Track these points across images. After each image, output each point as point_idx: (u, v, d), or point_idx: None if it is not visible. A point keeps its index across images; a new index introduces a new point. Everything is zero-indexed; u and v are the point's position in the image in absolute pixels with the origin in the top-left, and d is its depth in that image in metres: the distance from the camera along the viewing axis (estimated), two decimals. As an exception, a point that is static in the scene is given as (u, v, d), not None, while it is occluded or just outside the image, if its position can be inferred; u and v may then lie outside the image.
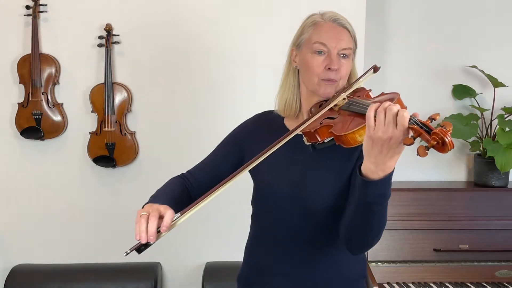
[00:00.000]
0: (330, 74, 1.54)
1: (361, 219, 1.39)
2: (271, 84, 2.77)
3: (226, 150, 1.76)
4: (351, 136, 1.37)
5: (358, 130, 1.35)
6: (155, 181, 2.83)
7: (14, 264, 2.82)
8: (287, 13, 2.74)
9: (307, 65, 1.58)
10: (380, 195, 1.34)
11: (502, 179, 2.87)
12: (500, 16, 3.06)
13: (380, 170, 1.29)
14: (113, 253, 2.87)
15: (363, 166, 1.33)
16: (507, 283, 2.63)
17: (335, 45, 1.55)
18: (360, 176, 1.33)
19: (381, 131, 1.24)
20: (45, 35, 2.74)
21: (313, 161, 1.57)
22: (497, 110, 2.97)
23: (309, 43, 1.58)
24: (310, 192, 1.56)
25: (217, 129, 2.81)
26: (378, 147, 1.26)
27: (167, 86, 2.81)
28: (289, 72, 1.68)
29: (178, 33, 2.77)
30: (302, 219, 1.58)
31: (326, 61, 1.55)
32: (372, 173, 1.30)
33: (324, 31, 1.57)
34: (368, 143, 1.28)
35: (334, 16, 1.60)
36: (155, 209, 1.42)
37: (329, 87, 1.56)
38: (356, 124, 1.37)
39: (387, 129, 1.23)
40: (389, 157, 1.26)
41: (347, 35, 1.58)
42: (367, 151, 1.29)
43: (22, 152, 2.82)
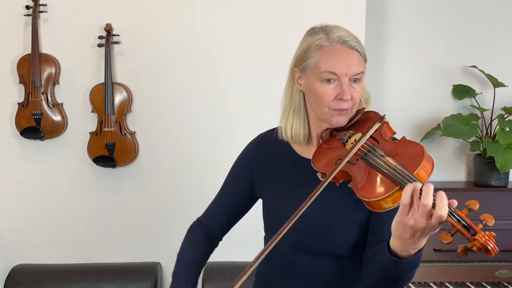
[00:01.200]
0: (342, 104, 1.41)
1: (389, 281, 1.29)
2: (271, 84, 2.78)
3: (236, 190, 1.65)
4: (376, 202, 1.26)
5: (384, 198, 1.25)
6: (155, 181, 2.86)
7: (14, 264, 2.82)
8: (289, 13, 2.74)
9: (315, 94, 1.43)
10: (412, 267, 1.24)
11: (502, 179, 2.87)
12: (500, 16, 3.06)
13: (412, 249, 1.20)
14: (113, 253, 2.88)
15: (392, 244, 1.22)
16: (507, 283, 2.63)
17: (346, 71, 1.39)
18: (389, 255, 1.22)
19: (413, 220, 1.14)
20: (45, 35, 2.74)
21: (328, 198, 1.39)
22: (497, 110, 2.97)
23: (317, 71, 1.42)
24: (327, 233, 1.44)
25: (218, 129, 2.82)
26: (411, 232, 1.16)
27: (167, 86, 2.80)
28: (293, 94, 1.53)
29: (178, 33, 2.77)
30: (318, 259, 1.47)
31: (337, 90, 1.40)
32: (403, 252, 1.21)
33: (333, 58, 1.40)
34: (399, 226, 1.17)
35: (342, 37, 1.42)
36: None
37: (342, 117, 1.43)
38: (381, 190, 1.26)
39: (422, 220, 1.13)
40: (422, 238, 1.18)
41: (357, 58, 1.42)
42: (398, 233, 1.19)
43: (22, 152, 2.82)
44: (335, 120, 1.43)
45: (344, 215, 1.44)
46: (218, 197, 1.69)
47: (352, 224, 1.44)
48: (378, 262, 1.31)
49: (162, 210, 2.87)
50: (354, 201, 1.38)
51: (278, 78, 2.81)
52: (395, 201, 1.24)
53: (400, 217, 1.16)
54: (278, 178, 1.54)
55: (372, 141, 1.39)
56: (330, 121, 1.44)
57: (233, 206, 1.66)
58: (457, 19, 3.05)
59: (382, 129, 1.42)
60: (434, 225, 1.13)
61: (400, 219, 1.16)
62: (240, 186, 1.64)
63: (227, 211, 1.66)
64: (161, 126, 2.83)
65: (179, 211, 2.83)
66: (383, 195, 1.24)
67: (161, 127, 2.83)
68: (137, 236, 2.88)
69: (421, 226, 1.14)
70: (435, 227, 1.14)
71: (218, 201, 1.69)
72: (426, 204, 1.12)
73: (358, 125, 1.46)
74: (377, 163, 1.31)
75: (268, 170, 1.56)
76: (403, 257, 1.21)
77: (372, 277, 1.35)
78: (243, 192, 1.64)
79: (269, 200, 1.56)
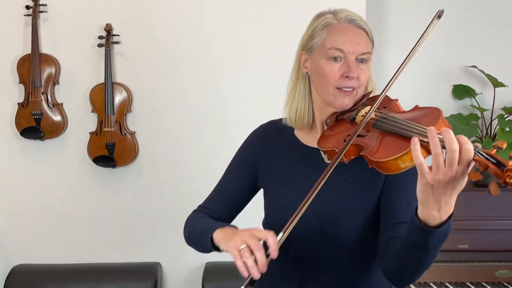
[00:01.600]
0: (348, 82, 1.37)
1: (416, 261, 1.21)
2: (272, 84, 2.78)
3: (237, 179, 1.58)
4: (392, 163, 1.19)
5: (401, 156, 1.18)
6: (155, 181, 2.86)
7: (14, 264, 2.82)
8: (289, 12, 2.74)
9: (321, 73, 1.40)
10: (443, 237, 1.15)
11: (502, 179, 2.87)
12: (500, 16, 3.06)
13: (443, 213, 1.11)
14: (113, 253, 2.87)
15: (421, 213, 1.13)
16: (507, 283, 2.63)
17: (353, 49, 1.37)
18: (420, 225, 1.13)
19: (441, 174, 1.06)
20: (45, 35, 2.74)
21: (334, 182, 1.34)
22: (497, 110, 2.97)
23: (323, 49, 1.39)
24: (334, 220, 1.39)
25: (218, 129, 2.82)
26: (440, 190, 1.08)
27: (167, 86, 2.80)
28: (298, 78, 1.50)
29: (178, 33, 2.77)
30: (325, 249, 1.41)
31: (343, 68, 1.37)
32: (435, 219, 1.12)
33: (340, 35, 1.38)
34: (426, 189, 1.09)
35: (350, 16, 1.41)
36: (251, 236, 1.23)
37: (347, 98, 1.39)
38: (397, 148, 1.19)
39: (449, 169, 1.05)
40: (453, 195, 1.10)
41: (365, 38, 1.41)
42: (426, 198, 1.10)
43: (22, 152, 2.82)
44: (340, 102, 1.39)
45: (352, 200, 1.38)
46: (217, 192, 1.62)
47: (360, 210, 1.38)
48: (401, 241, 1.22)
49: (162, 210, 2.87)
50: (361, 187, 1.37)
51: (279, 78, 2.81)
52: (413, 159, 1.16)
53: (424, 178, 1.08)
54: (281, 168, 1.49)
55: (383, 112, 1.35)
56: (334, 102, 1.39)
57: (233, 202, 1.59)
58: (457, 19, 3.05)
59: (392, 105, 1.38)
60: (463, 170, 1.05)
61: (425, 181, 1.08)
62: (242, 179, 1.58)
63: (226, 207, 1.59)
64: (161, 126, 2.83)
65: (179, 211, 2.81)
66: (400, 152, 1.17)
67: (161, 127, 2.83)
68: (137, 236, 2.88)
69: (449, 177, 1.05)
70: (464, 172, 1.06)
71: (217, 195, 1.62)
72: (454, 149, 1.04)
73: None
74: (391, 125, 1.25)
75: (271, 160, 1.51)
76: (432, 226, 1.13)
77: (394, 259, 1.26)
78: (245, 185, 1.58)
79: (272, 190, 1.51)
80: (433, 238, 1.14)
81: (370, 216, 1.38)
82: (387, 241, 1.32)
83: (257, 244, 1.21)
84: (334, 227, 1.39)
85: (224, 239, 1.30)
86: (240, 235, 1.25)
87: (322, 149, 1.38)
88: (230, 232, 1.31)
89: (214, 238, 1.35)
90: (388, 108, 1.37)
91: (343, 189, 1.39)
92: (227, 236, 1.30)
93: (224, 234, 1.33)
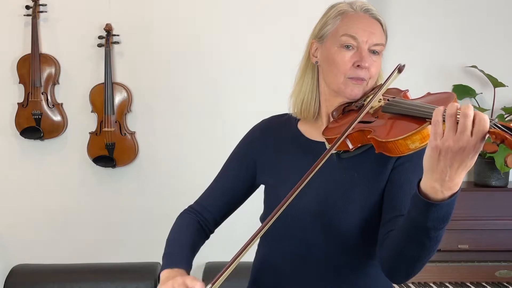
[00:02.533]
0: (359, 72, 1.34)
1: (414, 246, 1.15)
2: (272, 84, 2.78)
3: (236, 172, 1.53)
4: (401, 143, 1.15)
5: (411, 136, 1.13)
6: (155, 181, 2.86)
7: (14, 264, 2.82)
8: (289, 13, 2.74)
9: (332, 60, 1.35)
10: (443, 219, 1.10)
11: (502, 179, 2.87)
12: (501, 16, 3.06)
13: (446, 188, 1.06)
14: (113, 253, 2.88)
15: (424, 184, 1.08)
16: (507, 283, 2.63)
17: (367, 39, 1.33)
18: (420, 197, 1.08)
19: (452, 140, 1.01)
20: (45, 35, 2.74)
21: (338, 173, 1.34)
22: (497, 110, 2.97)
23: (336, 36, 1.35)
24: (336, 211, 1.34)
25: (218, 129, 2.82)
26: (447, 160, 1.02)
27: (167, 86, 2.80)
28: (307, 68, 1.45)
29: (178, 33, 2.77)
30: (325, 242, 1.36)
31: (356, 57, 1.33)
32: (436, 193, 1.07)
33: (354, 22, 1.34)
34: (433, 155, 1.04)
35: (366, 5, 1.37)
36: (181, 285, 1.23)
37: (357, 88, 1.35)
38: (407, 128, 1.15)
39: (461, 137, 1.00)
40: (459, 171, 1.04)
41: (379, 29, 1.37)
42: (431, 165, 1.05)
43: (22, 152, 2.82)
44: (350, 90, 1.35)
45: (355, 192, 1.33)
46: (214, 186, 1.57)
47: (361, 208, 1.33)
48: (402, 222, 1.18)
49: (162, 210, 2.87)
50: (366, 181, 1.33)
51: (279, 79, 2.82)
52: (423, 139, 1.13)
53: (434, 142, 1.03)
54: (283, 162, 1.44)
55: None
56: (344, 91, 1.35)
57: (229, 197, 1.54)
58: (457, 19, 3.05)
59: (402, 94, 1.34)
60: (475, 142, 0.99)
61: (434, 145, 1.03)
62: (239, 176, 1.52)
63: (223, 201, 1.54)
64: (161, 126, 2.83)
65: (179, 211, 2.82)
66: (411, 131, 1.13)
67: (161, 127, 2.83)
68: (137, 236, 2.88)
69: (460, 146, 1.00)
70: (477, 147, 1.00)
71: (214, 189, 1.56)
72: (468, 113, 0.99)
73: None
74: (401, 107, 1.21)
75: (272, 154, 1.47)
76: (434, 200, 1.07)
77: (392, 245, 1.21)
78: (243, 182, 1.52)
79: (273, 184, 1.45)
80: (432, 214, 1.08)
81: (373, 210, 1.33)
82: (387, 233, 1.28)
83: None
84: (336, 219, 1.34)
85: (162, 282, 1.30)
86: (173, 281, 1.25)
87: (326, 137, 1.34)
88: (170, 276, 1.30)
89: (161, 274, 1.37)
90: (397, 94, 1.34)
91: (348, 182, 1.34)
92: (166, 280, 1.30)
93: (166, 277, 1.33)
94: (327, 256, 1.37)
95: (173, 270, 1.35)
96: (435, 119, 1.03)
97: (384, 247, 1.26)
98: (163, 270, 1.38)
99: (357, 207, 1.33)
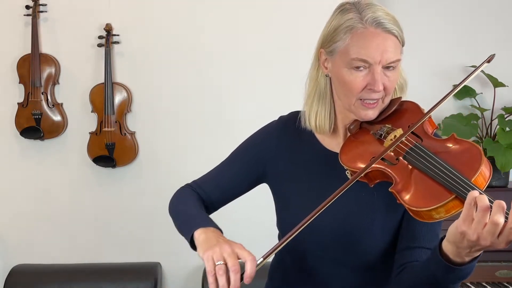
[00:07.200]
0: (372, 94, 1.24)
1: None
2: (273, 84, 2.78)
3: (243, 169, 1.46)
4: (426, 213, 1.08)
5: (436, 208, 1.06)
6: (155, 181, 2.86)
7: (14, 264, 2.82)
8: (289, 13, 2.74)
9: (343, 81, 1.25)
10: (463, 277, 1.10)
11: (502, 179, 2.87)
12: (501, 15, 3.06)
13: (467, 256, 1.05)
14: (113, 253, 2.87)
15: (445, 247, 1.07)
16: (507, 283, 2.63)
17: (380, 58, 1.21)
18: (441, 259, 1.07)
19: (478, 234, 0.99)
20: (45, 35, 2.74)
21: (357, 192, 1.26)
22: (497, 110, 2.97)
23: (346, 56, 1.24)
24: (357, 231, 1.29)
25: (218, 129, 2.82)
26: (471, 242, 1.01)
27: (167, 86, 2.80)
28: (318, 78, 1.34)
29: (178, 33, 2.77)
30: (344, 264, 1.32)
31: (368, 79, 1.22)
32: (456, 257, 1.06)
33: (365, 43, 1.22)
34: (457, 236, 1.02)
35: (377, 18, 1.23)
36: (231, 254, 1.14)
37: (371, 111, 1.26)
38: (432, 197, 1.07)
39: (487, 236, 0.98)
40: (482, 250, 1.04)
41: (394, 43, 1.24)
42: (454, 240, 1.03)
43: (22, 152, 2.82)
44: (363, 114, 1.26)
45: (373, 219, 1.28)
46: (217, 173, 1.49)
47: (381, 230, 1.29)
48: (420, 268, 1.16)
49: (162, 210, 2.85)
50: (385, 204, 1.27)
51: (279, 78, 2.82)
52: (448, 211, 1.07)
53: (461, 228, 1.00)
54: (298, 172, 1.38)
55: (414, 138, 1.20)
56: (358, 114, 1.27)
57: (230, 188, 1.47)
58: (457, 19, 3.05)
59: (425, 123, 1.23)
60: (500, 243, 0.99)
61: (460, 231, 1.00)
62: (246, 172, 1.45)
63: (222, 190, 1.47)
64: (161, 126, 2.83)
65: (179, 211, 2.83)
66: (435, 205, 1.06)
67: (161, 127, 2.83)
68: (137, 236, 2.88)
69: (484, 244, 0.99)
70: (501, 246, 1.00)
71: (216, 177, 1.48)
72: (497, 222, 0.96)
73: (393, 117, 1.28)
74: (424, 165, 1.12)
75: (287, 161, 1.40)
76: (456, 263, 1.07)
77: (408, 284, 1.20)
78: (247, 180, 1.46)
79: (286, 195, 1.39)
80: (452, 275, 1.08)
81: (390, 238, 1.29)
82: (403, 264, 1.25)
83: (235, 265, 1.12)
84: (357, 244, 1.29)
85: (203, 244, 1.20)
86: (221, 248, 1.15)
87: (345, 166, 1.25)
88: (212, 238, 1.20)
89: (195, 236, 1.24)
90: (419, 128, 1.22)
91: (368, 205, 1.29)
92: (208, 242, 1.20)
93: (205, 238, 1.22)
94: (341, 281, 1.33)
95: (208, 229, 1.24)
96: (468, 204, 0.99)
97: (399, 280, 1.24)
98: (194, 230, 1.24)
99: (380, 228, 1.29)
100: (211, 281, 1.13)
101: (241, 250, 1.15)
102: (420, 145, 1.17)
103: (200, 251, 1.21)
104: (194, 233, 1.25)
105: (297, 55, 1.98)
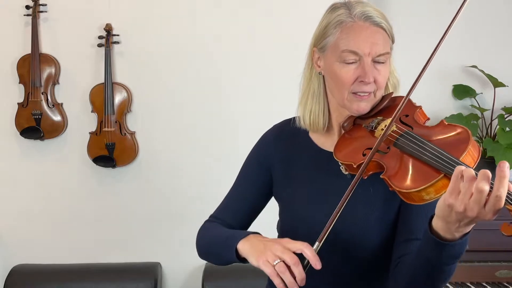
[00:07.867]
0: (364, 87, 1.26)
1: (426, 278, 1.14)
2: (273, 84, 2.78)
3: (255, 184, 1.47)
4: (416, 194, 1.10)
5: (426, 188, 1.09)
6: (155, 181, 2.86)
7: (14, 264, 2.82)
8: (289, 12, 2.74)
9: (334, 76, 1.28)
10: (455, 256, 1.09)
11: (502, 179, 2.87)
12: (501, 15, 3.06)
13: (458, 232, 1.06)
14: (113, 253, 2.87)
15: (435, 223, 1.07)
16: (507, 283, 2.63)
17: (369, 51, 1.25)
18: (432, 236, 1.08)
19: (465, 205, 0.99)
20: (45, 35, 2.74)
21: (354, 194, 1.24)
22: (497, 110, 2.97)
23: (336, 49, 1.27)
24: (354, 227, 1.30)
25: (218, 129, 2.82)
26: (459, 215, 1.01)
27: (167, 86, 2.80)
28: (311, 77, 1.37)
29: (178, 33, 2.77)
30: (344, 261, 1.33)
31: (358, 72, 1.26)
32: (446, 233, 1.06)
33: (354, 35, 1.25)
34: (445, 210, 1.02)
35: (366, 12, 1.27)
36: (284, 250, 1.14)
37: (363, 102, 1.28)
38: (422, 178, 1.10)
39: (474, 206, 0.98)
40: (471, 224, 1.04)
41: (383, 36, 1.28)
42: (443, 215, 1.04)
43: (22, 152, 2.82)
44: (356, 106, 1.28)
45: (370, 214, 1.30)
46: (232, 197, 1.50)
47: (378, 225, 1.30)
48: (415, 255, 1.16)
49: (162, 210, 2.87)
50: (382, 198, 1.29)
51: (279, 77, 2.82)
52: (438, 191, 1.09)
53: (448, 200, 1.01)
54: (296, 173, 1.40)
55: (405, 127, 1.24)
56: (350, 107, 1.29)
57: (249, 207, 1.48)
58: (458, 19, 3.04)
59: (415, 114, 1.27)
60: (487, 213, 0.98)
61: (448, 203, 1.01)
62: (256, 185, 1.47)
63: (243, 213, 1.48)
64: (161, 126, 2.83)
65: (179, 211, 2.83)
66: (424, 185, 1.08)
67: (161, 127, 2.83)
68: (137, 236, 2.88)
69: (471, 214, 0.99)
70: (488, 216, 0.99)
71: (231, 202, 1.50)
72: (482, 189, 0.96)
73: (385, 112, 1.31)
74: (414, 148, 1.15)
75: (284, 164, 1.42)
76: (447, 240, 1.07)
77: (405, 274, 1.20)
78: (261, 191, 1.47)
79: (285, 198, 1.42)
80: (444, 253, 1.08)
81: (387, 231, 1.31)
82: (400, 256, 1.26)
83: (293, 258, 1.13)
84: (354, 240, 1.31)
85: (252, 252, 1.19)
86: (271, 249, 1.15)
87: (340, 161, 1.29)
88: (257, 244, 1.20)
89: (239, 249, 1.24)
90: (410, 118, 1.26)
91: (364, 202, 1.31)
92: (256, 249, 1.19)
93: (251, 246, 1.21)
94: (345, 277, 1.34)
95: (248, 237, 1.24)
96: (455, 177, 1.00)
97: (396, 275, 1.25)
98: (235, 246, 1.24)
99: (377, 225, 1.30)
100: (277, 282, 1.13)
101: (291, 243, 1.16)
102: (410, 132, 1.21)
103: (252, 261, 1.20)
104: (237, 248, 1.25)
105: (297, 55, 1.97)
